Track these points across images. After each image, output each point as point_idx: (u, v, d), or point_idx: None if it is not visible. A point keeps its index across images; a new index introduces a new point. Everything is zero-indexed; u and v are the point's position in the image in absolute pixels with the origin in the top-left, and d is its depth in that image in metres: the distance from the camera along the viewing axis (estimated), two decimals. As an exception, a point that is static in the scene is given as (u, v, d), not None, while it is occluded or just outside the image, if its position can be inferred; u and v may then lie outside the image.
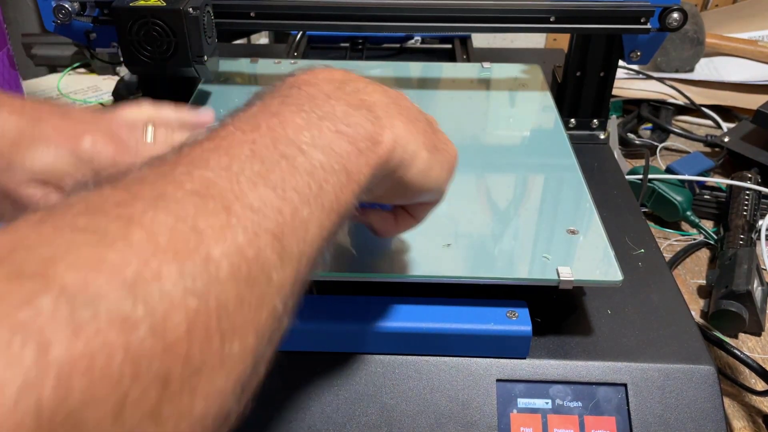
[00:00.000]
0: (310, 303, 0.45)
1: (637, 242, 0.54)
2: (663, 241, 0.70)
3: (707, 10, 1.13)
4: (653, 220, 0.73)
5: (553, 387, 0.43)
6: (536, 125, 0.63)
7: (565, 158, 0.57)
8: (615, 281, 0.43)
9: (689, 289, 0.64)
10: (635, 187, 0.70)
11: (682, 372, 0.43)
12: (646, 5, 0.60)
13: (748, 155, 0.79)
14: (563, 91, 0.68)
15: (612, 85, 0.67)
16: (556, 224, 0.48)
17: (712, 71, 0.96)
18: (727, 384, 0.54)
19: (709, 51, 0.97)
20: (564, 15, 0.60)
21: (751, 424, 0.51)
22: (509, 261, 0.45)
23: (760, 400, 0.53)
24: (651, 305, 0.48)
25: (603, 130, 0.70)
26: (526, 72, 0.72)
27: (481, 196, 0.52)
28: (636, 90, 0.94)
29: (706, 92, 0.94)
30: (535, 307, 0.45)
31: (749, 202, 0.69)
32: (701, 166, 0.77)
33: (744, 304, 0.57)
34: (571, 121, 0.69)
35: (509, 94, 0.69)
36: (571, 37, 0.67)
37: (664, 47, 0.93)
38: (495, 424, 0.42)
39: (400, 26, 0.62)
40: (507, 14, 0.60)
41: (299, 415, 0.42)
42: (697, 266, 0.67)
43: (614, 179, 0.63)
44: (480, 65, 0.74)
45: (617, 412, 0.42)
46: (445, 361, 0.44)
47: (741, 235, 0.65)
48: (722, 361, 0.55)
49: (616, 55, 0.65)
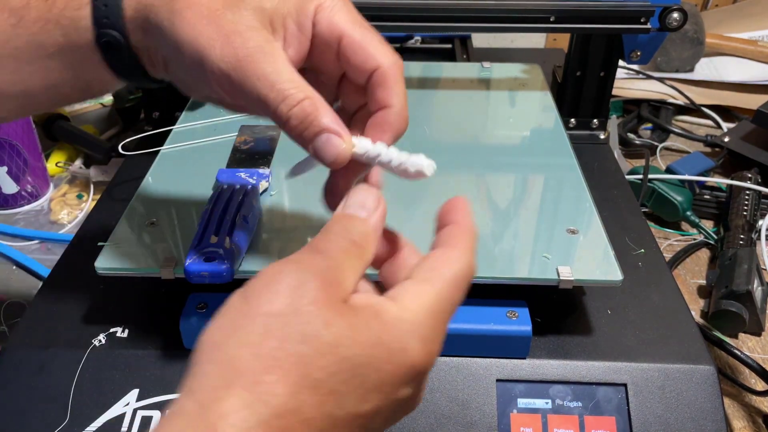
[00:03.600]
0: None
1: (637, 242, 0.54)
2: (663, 241, 0.70)
3: (707, 9, 1.13)
4: (653, 220, 0.72)
5: (553, 387, 0.43)
6: (536, 125, 0.63)
7: (565, 158, 0.57)
8: (615, 281, 0.43)
9: (689, 289, 0.64)
10: (635, 187, 0.70)
11: (682, 372, 0.43)
12: (646, 5, 0.60)
13: (748, 155, 0.79)
14: (563, 91, 0.68)
15: (612, 85, 0.67)
16: (557, 224, 0.48)
17: (712, 71, 0.96)
18: (727, 384, 0.54)
19: (709, 51, 0.97)
20: (564, 15, 0.60)
21: (752, 424, 0.51)
22: (509, 260, 0.45)
23: (760, 400, 0.53)
24: (651, 305, 0.48)
25: (603, 130, 0.70)
26: (526, 72, 0.72)
27: (482, 196, 0.52)
28: (636, 90, 0.94)
29: (707, 92, 0.94)
30: (535, 306, 0.45)
31: (749, 202, 0.69)
32: (701, 166, 0.77)
33: (744, 304, 0.57)
34: (571, 121, 0.69)
35: (509, 94, 0.69)
36: (571, 37, 0.67)
37: (664, 47, 0.93)
38: (495, 424, 0.42)
39: (400, 26, 0.61)
40: (507, 14, 0.60)
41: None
42: (697, 266, 0.67)
43: (614, 179, 0.63)
44: (480, 65, 0.74)
45: (617, 412, 0.42)
46: (445, 360, 0.44)
47: (741, 235, 0.65)
48: (722, 361, 0.55)
49: (616, 55, 0.65)
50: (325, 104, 0.31)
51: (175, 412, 0.22)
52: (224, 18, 0.30)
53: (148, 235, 0.46)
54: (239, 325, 0.23)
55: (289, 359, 0.22)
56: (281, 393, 0.22)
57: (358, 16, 0.33)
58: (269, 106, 0.30)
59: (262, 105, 0.30)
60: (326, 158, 0.31)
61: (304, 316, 0.23)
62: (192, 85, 0.34)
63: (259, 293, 0.24)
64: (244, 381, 0.22)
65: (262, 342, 0.23)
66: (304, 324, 0.23)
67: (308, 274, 0.25)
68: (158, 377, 0.43)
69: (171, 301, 0.47)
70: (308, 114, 0.30)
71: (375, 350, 0.24)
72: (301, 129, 0.30)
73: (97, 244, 0.45)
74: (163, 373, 0.43)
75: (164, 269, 0.43)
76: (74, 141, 0.80)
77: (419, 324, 0.25)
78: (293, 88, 0.30)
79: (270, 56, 0.30)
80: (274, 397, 0.22)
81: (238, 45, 0.30)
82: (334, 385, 0.23)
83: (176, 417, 0.22)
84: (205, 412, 0.21)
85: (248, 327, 0.23)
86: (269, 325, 0.23)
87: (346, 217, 0.29)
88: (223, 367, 0.22)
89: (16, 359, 0.44)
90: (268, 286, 0.24)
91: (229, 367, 0.22)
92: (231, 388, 0.22)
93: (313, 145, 0.31)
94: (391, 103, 0.32)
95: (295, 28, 0.32)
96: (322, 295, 0.24)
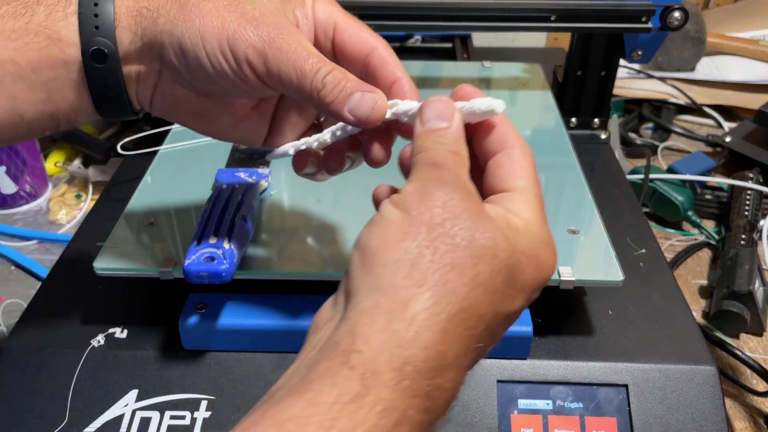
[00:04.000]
0: (312, 304, 0.44)
1: (639, 242, 0.54)
2: (664, 241, 0.69)
3: (708, 9, 1.13)
4: (654, 220, 0.72)
5: (553, 388, 0.43)
6: (537, 125, 0.62)
7: (566, 158, 0.56)
8: (616, 281, 0.43)
9: (690, 290, 0.64)
10: (636, 186, 0.70)
11: (683, 373, 0.43)
12: (647, 4, 0.60)
13: (750, 155, 0.78)
14: (564, 90, 0.68)
15: (613, 84, 0.67)
16: (557, 224, 0.48)
17: (714, 71, 0.96)
18: (728, 385, 0.54)
19: (710, 50, 0.97)
20: (565, 14, 0.60)
21: (753, 425, 0.51)
22: (510, 261, 0.44)
23: (762, 401, 0.53)
24: (652, 305, 0.48)
25: (604, 129, 0.69)
26: (526, 71, 0.72)
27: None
28: (637, 89, 0.93)
29: (708, 92, 0.94)
30: (535, 307, 0.44)
31: (751, 202, 0.68)
32: (702, 166, 0.77)
33: (745, 304, 0.57)
34: (572, 120, 0.69)
35: (510, 93, 0.69)
36: (571, 36, 0.66)
37: (666, 46, 0.92)
38: (495, 425, 0.41)
39: (400, 25, 0.61)
40: (507, 13, 0.60)
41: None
42: (698, 266, 0.67)
43: (615, 179, 0.63)
44: (480, 64, 0.73)
45: (618, 413, 0.42)
46: (445, 361, 0.43)
47: (742, 235, 0.65)
48: (723, 361, 0.55)
49: (617, 55, 0.65)
50: (348, 73, 0.33)
51: (369, 307, 0.25)
52: (245, 6, 0.32)
53: (147, 235, 0.46)
54: (409, 232, 0.26)
55: (461, 261, 0.25)
56: (460, 290, 0.25)
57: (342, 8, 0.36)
58: (306, 77, 0.31)
59: (296, 78, 0.32)
60: (363, 112, 0.32)
61: (463, 222, 0.26)
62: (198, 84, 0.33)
63: (418, 207, 0.26)
64: (431, 280, 0.25)
65: (437, 246, 0.25)
66: (465, 230, 0.26)
67: (449, 186, 0.27)
68: (157, 378, 0.43)
69: (170, 301, 0.46)
70: (340, 80, 0.32)
71: (521, 256, 0.27)
72: (337, 93, 0.32)
73: (95, 244, 0.45)
74: (162, 374, 0.43)
75: (163, 269, 0.42)
76: (73, 141, 0.80)
77: (544, 232, 0.29)
78: (322, 61, 0.32)
79: (297, 35, 0.32)
80: (455, 294, 0.25)
81: (269, 23, 0.31)
82: (496, 285, 0.26)
83: (374, 312, 0.24)
84: (402, 307, 0.24)
85: (419, 234, 0.26)
86: (436, 231, 0.26)
87: (432, 131, 0.30)
88: (409, 267, 0.25)
89: (14, 359, 0.44)
90: (423, 201, 0.26)
91: (415, 268, 0.25)
92: (422, 287, 0.25)
93: (349, 105, 0.32)
94: (399, 76, 0.35)
95: (302, 16, 0.34)
96: (470, 204, 0.27)
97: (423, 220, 0.26)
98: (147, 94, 0.34)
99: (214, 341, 0.44)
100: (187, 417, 0.41)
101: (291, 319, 0.43)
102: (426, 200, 0.26)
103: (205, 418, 0.41)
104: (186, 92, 0.34)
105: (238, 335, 0.43)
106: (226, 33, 0.31)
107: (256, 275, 0.43)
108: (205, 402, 0.42)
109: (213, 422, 0.41)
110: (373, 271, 0.25)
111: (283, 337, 0.43)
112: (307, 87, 0.32)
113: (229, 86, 0.33)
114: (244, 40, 0.31)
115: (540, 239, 0.29)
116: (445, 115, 0.30)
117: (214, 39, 0.31)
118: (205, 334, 0.43)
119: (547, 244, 0.29)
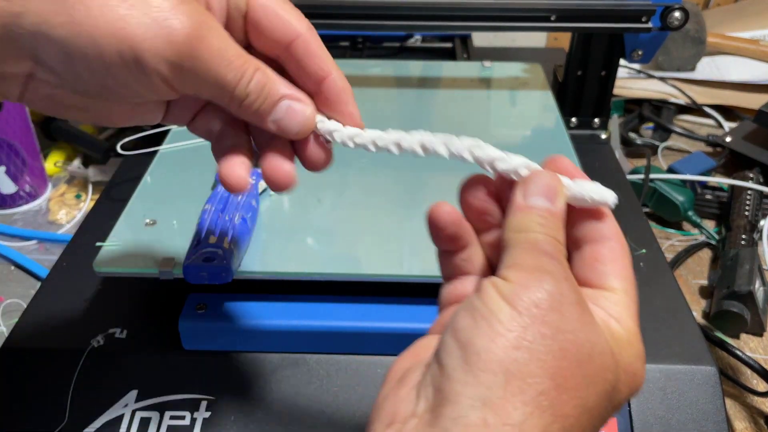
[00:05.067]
0: (311, 305, 0.44)
1: (639, 242, 0.54)
2: (664, 241, 0.69)
3: (709, 8, 1.13)
4: (655, 220, 0.72)
5: (553, 388, 0.43)
6: (537, 125, 0.62)
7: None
8: (616, 282, 0.42)
9: (691, 290, 0.64)
10: (637, 186, 0.70)
11: (683, 373, 0.43)
12: (648, 4, 0.60)
13: (750, 155, 0.78)
14: (564, 90, 0.68)
15: (613, 84, 0.67)
16: (557, 224, 0.48)
17: (714, 70, 0.96)
18: (728, 385, 0.54)
19: (710, 50, 0.96)
20: (565, 14, 0.60)
21: (753, 425, 0.51)
22: (510, 261, 0.44)
23: (762, 401, 0.53)
24: (652, 306, 0.48)
25: (604, 129, 0.69)
26: (526, 71, 0.72)
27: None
28: (637, 89, 0.93)
29: (708, 92, 0.94)
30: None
31: (751, 202, 0.68)
32: (703, 166, 0.76)
33: (746, 304, 0.57)
34: (572, 120, 0.69)
35: (510, 93, 0.69)
36: (572, 36, 0.66)
37: (666, 46, 0.92)
38: (495, 426, 0.41)
39: (400, 25, 0.61)
40: (508, 13, 0.60)
41: (299, 417, 0.42)
42: (698, 266, 0.67)
43: (615, 179, 0.63)
44: (480, 64, 0.73)
45: (618, 413, 0.42)
46: (445, 361, 0.43)
47: (743, 235, 0.65)
48: (724, 361, 0.55)
49: (618, 54, 0.65)
50: (273, 72, 0.28)
51: (474, 424, 0.22)
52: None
53: (147, 235, 0.46)
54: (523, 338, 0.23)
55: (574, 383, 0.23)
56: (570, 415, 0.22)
57: None
58: (227, 87, 0.27)
59: (216, 88, 0.27)
60: (292, 128, 0.28)
61: (577, 335, 0.23)
62: (89, 90, 0.27)
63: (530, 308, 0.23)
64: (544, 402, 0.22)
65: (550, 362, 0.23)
66: (580, 347, 0.23)
67: (561, 285, 0.24)
68: (157, 378, 0.43)
69: (170, 301, 0.46)
70: (263, 85, 0.28)
71: (621, 373, 0.24)
72: (261, 101, 0.28)
73: (95, 244, 0.45)
74: (162, 374, 0.43)
75: (163, 269, 0.42)
76: (73, 141, 0.80)
77: (641, 345, 0.26)
78: (246, 63, 0.27)
79: (215, 30, 0.26)
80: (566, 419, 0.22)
81: (183, 21, 0.25)
82: (600, 408, 0.24)
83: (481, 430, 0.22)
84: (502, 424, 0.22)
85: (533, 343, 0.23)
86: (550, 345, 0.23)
87: (535, 209, 0.26)
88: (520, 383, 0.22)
89: (14, 359, 0.44)
90: (536, 301, 0.23)
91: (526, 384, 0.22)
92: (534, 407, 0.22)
93: (274, 116, 0.28)
94: (329, 70, 0.29)
95: None
96: (583, 313, 0.24)
97: (536, 328, 0.23)
98: (14, 92, 0.28)
99: (214, 341, 0.44)
100: (186, 417, 0.41)
101: (291, 319, 0.43)
102: (539, 300, 0.23)
103: (205, 418, 0.41)
104: (69, 92, 0.28)
105: (238, 335, 0.43)
106: (130, 43, 0.25)
107: (256, 275, 0.43)
108: (205, 402, 0.42)
109: (213, 422, 0.41)
110: (480, 377, 0.22)
111: (283, 337, 0.43)
112: (228, 98, 0.27)
113: (129, 94, 0.27)
114: (154, 51, 0.25)
115: (638, 354, 0.26)
116: (551, 194, 0.27)
117: (113, 49, 0.25)
118: (205, 334, 0.43)
119: (642, 360, 0.26)
